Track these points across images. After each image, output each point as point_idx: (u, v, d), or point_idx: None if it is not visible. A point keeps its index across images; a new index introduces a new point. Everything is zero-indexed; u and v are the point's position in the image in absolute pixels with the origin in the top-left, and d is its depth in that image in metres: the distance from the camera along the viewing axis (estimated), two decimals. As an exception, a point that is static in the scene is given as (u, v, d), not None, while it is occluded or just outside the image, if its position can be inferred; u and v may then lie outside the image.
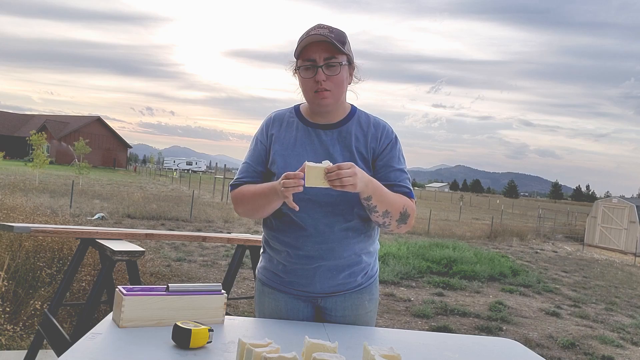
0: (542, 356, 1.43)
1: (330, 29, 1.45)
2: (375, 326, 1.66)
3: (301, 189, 1.34)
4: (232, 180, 1.62)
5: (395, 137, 1.59)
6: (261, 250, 1.69)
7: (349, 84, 1.55)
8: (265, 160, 1.58)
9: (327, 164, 1.30)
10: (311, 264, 1.52)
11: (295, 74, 1.54)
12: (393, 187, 1.52)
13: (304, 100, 1.59)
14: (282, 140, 1.56)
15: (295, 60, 1.51)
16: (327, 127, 1.55)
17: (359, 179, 1.32)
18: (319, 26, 1.46)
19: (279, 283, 1.59)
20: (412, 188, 1.57)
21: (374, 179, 1.43)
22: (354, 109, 1.62)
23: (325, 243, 1.51)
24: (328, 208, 1.49)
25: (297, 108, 1.62)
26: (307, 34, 1.45)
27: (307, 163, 1.30)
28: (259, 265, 1.69)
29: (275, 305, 1.60)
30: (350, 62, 1.51)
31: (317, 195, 1.47)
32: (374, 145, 1.55)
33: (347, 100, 1.60)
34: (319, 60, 1.44)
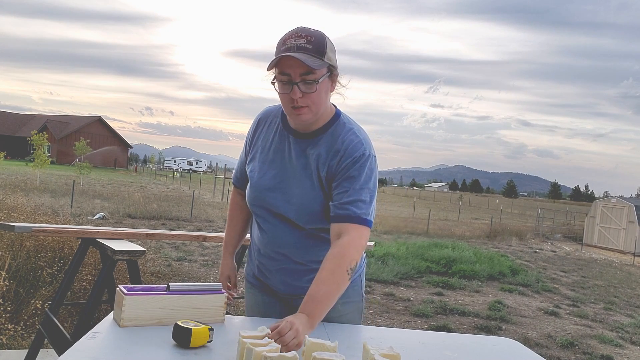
0: (541, 355, 1.44)
1: (309, 38, 1.32)
2: (375, 325, 1.67)
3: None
4: (232, 175, 1.76)
5: (361, 155, 1.41)
6: (247, 248, 1.76)
7: (332, 91, 1.44)
8: (247, 160, 1.63)
9: (263, 331, 1.16)
10: (274, 266, 1.56)
11: (273, 82, 1.41)
12: (335, 208, 1.40)
13: None
14: (262, 141, 1.56)
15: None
16: (300, 136, 1.48)
17: (301, 334, 1.18)
18: (297, 33, 1.33)
19: (254, 280, 1.66)
20: (362, 211, 1.38)
21: (305, 316, 1.26)
22: (336, 116, 1.49)
23: (283, 248, 1.52)
24: (288, 218, 1.48)
25: None
26: (284, 44, 1.33)
27: (241, 335, 1.12)
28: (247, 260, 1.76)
29: (254, 300, 1.67)
30: (331, 72, 1.39)
31: (278, 205, 1.48)
32: (333, 164, 1.43)
33: (334, 101, 1.51)
34: (294, 76, 1.32)
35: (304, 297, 1.31)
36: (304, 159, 1.47)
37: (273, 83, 1.38)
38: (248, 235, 1.74)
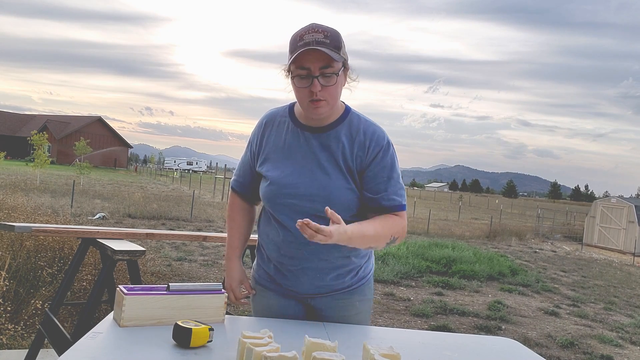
0: (541, 355, 1.45)
1: (326, 33, 1.37)
2: (375, 325, 1.67)
3: (238, 301, 1.60)
4: (232, 178, 1.72)
5: (387, 143, 1.50)
6: (256, 249, 1.71)
7: (343, 85, 1.48)
8: (253, 164, 1.61)
9: (265, 333, 1.16)
10: (297, 265, 1.53)
11: (288, 78, 1.47)
12: (380, 200, 1.48)
13: None
14: (273, 141, 1.55)
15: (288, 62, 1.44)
16: (316, 131, 1.51)
17: (328, 242, 1.27)
18: (313, 29, 1.37)
19: (269, 281, 1.61)
20: (403, 198, 1.50)
21: (349, 230, 1.33)
22: (347, 110, 1.54)
23: (309, 245, 1.48)
24: (312, 212, 1.47)
25: (291, 107, 1.59)
26: (301, 39, 1.36)
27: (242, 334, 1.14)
28: (253, 263, 1.71)
29: (266, 303, 1.62)
30: (345, 66, 1.44)
31: (302, 200, 1.48)
32: (362, 154, 1.48)
33: (342, 98, 1.54)
34: (314, 70, 1.37)
35: (355, 224, 1.37)
36: (326, 151, 1.49)
37: (293, 78, 1.41)
38: (251, 236, 1.74)
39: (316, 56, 1.35)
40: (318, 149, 1.50)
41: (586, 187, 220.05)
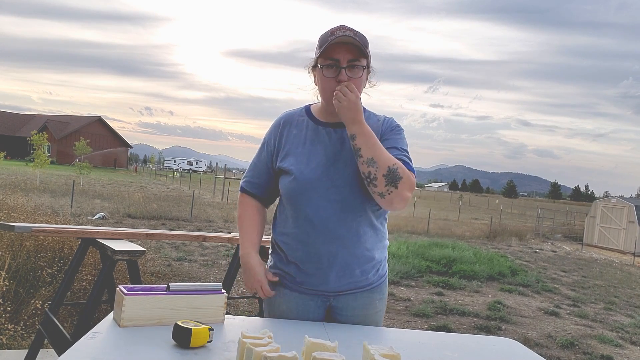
0: (541, 355, 1.44)
1: (355, 32, 1.46)
2: (375, 326, 1.67)
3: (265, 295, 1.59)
4: (242, 180, 1.71)
5: (397, 125, 1.61)
6: (270, 250, 1.68)
7: (364, 86, 1.55)
8: (271, 162, 1.62)
9: (265, 334, 1.14)
10: (324, 262, 1.52)
11: (312, 71, 1.56)
12: None
13: (308, 101, 1.63)
14: (292, 139, 1.58)
15: (313, 57, 1.52)
16: (336, 126, 1.56)
17: (348, 107, 1.42)
18: (344, 27, 1.46)
19: (290, 282, 1.59)
20: (412, 166, 1.52)
21: (369, 128, 1.45)
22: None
23: (337, 240, 1.50)
24: (338, 204, 1.50)
25: (307, 108, 1.64)
26: (332, 34, 1.45)
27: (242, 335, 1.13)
28: (269, 264, 1.67)
29: (285, 306, 1.59)
30: (368, 66, 1.52)
31: (327, 193, 1.50)
32: (379, 136, 1.55)
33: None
34: (342, 61, 1.46)
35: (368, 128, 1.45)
36: (348, 143, 1.53)
37: (321, 68, 1.48)
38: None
39: (346, 49, 1.45)
40: (339, 142, 1.55)
41: (586, 187, 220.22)
